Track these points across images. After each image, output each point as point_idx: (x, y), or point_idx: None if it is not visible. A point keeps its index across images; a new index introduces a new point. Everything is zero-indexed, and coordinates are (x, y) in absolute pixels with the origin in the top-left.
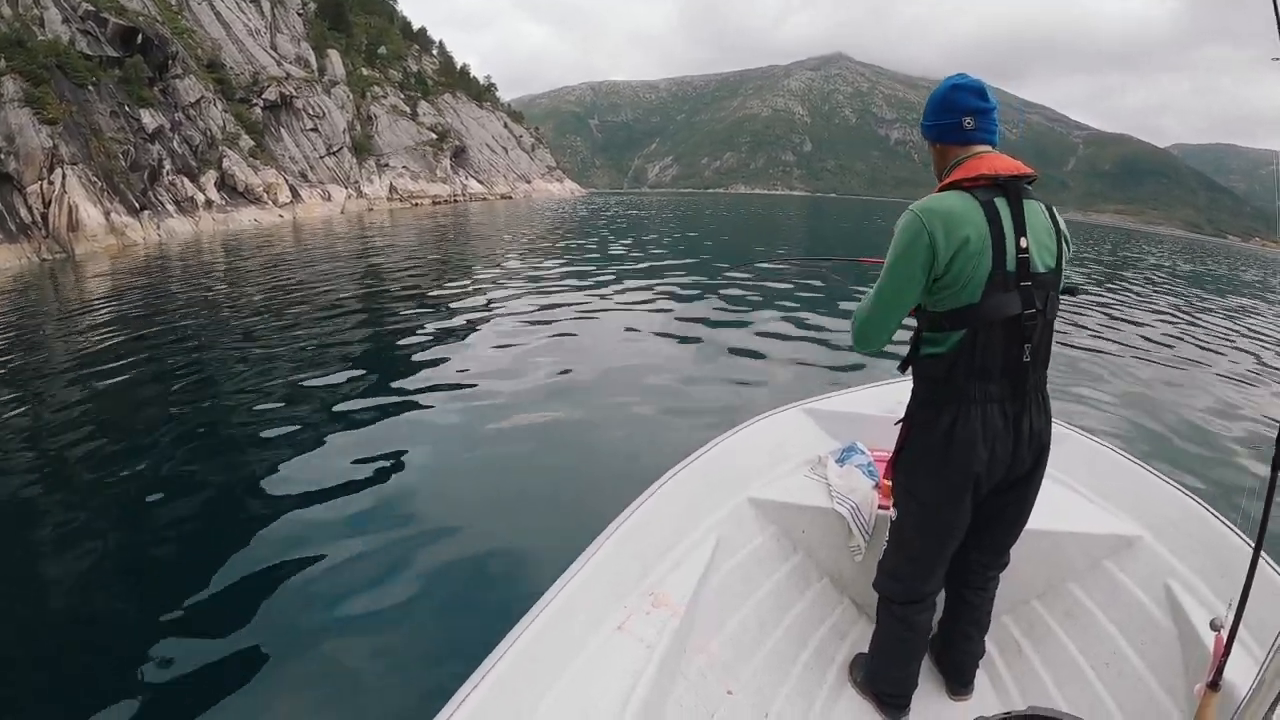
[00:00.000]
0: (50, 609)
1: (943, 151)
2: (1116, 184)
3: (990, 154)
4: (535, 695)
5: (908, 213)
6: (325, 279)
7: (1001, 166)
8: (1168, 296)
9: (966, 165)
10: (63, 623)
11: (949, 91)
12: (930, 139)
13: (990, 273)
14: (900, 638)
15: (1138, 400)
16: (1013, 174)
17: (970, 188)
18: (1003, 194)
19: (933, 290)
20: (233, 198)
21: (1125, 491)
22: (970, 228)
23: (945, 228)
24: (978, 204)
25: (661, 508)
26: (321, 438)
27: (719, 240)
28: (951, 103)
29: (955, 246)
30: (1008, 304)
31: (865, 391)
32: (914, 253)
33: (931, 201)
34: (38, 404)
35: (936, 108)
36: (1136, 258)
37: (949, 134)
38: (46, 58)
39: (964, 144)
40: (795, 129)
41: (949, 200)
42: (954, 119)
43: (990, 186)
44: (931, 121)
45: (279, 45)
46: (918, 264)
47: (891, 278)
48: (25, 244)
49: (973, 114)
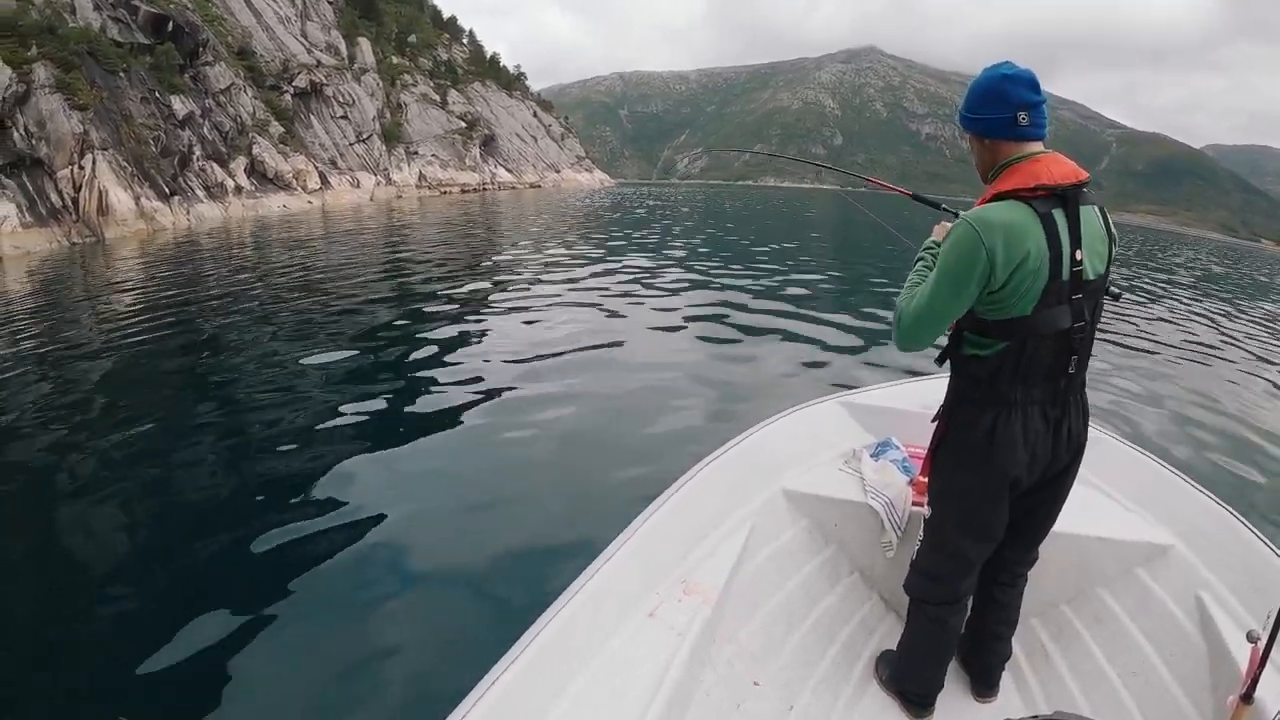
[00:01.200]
0: (64, 584)
1: (993, 148)
2: (1150, 184)
3: (1046, 156)
4: (566, 678)
5: (964, 224)
6: (351, 264)
7: (1059, 174)
8: (1209, 300)
9: (1023, 170)
10: (73, 600)
11: (999, 83)
12: (976, 133)
13: (1045, 286)
14: (932, 639)
15: (1173, 403)
16: (1071, 183)
17: (1029, 198)
18: (1060, 204)
19: (984, 300)
20: (262, 184)
21: (1160, 499)
22: (1030, 243)
23: (1005, 244)
24: (1037, 217)
25: (696, 496)
26: (352, 420)
27: (747, 229)
28: (1003, 95)
29: (1014, 263)
30: (1059, 318)
31: (901, 386)
32: (969, 267)
33: (990, 214)
34: (63, 384)
35: (985, 100)
36: (1173, 259)
37: (1001, 130)
38: (77, 44)
39: (1017, 141)
40: (826, 122)
41: (1007, 213)
42: (1007, 114)
43: (1048, 197)
44: (980, 115)
45: (309, 33)
46: (973, 279)
47: (943, 289)
48: (56, 228)
49: (1026, 108)
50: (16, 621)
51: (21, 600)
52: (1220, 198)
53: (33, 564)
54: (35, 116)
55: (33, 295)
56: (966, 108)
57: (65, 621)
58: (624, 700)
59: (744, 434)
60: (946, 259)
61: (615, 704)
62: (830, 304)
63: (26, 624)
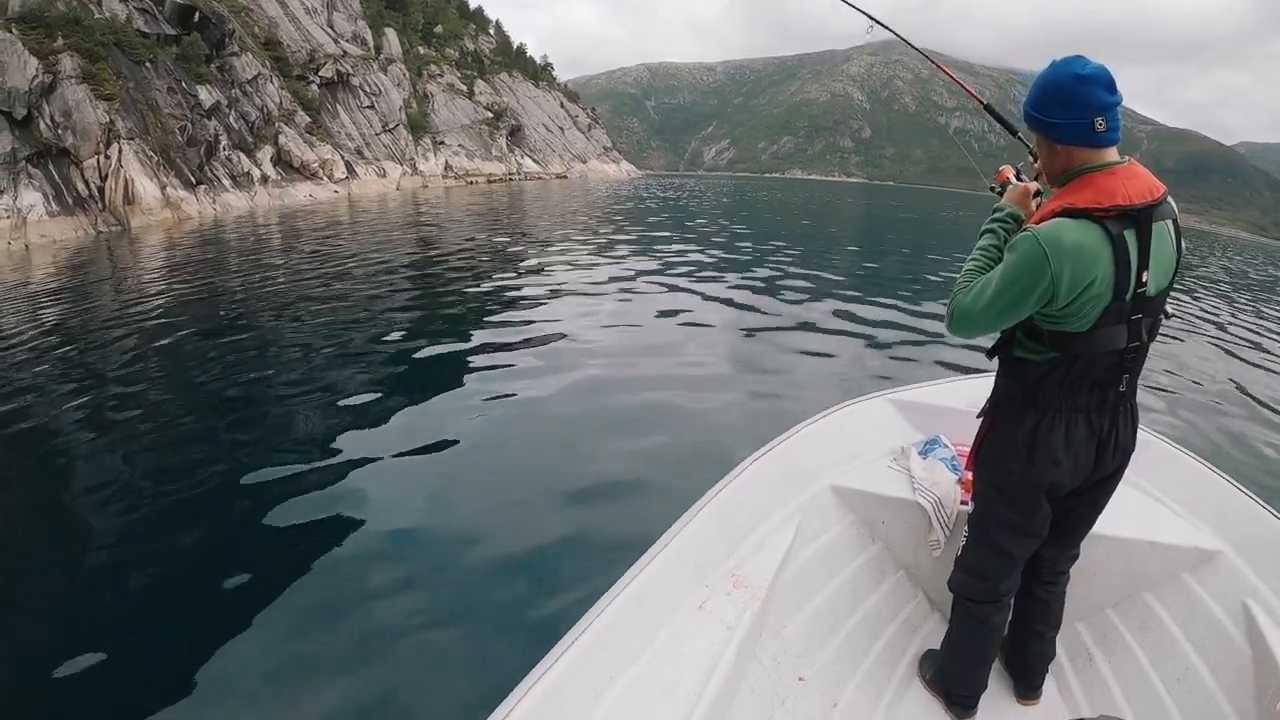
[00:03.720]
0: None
1: (1065, 155)
2: (1182, 181)
3: (1123, 169)
4: (616, 670)
5: (1031, 239)
6: (378, 252)
7: (1135, 192)
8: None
9: (1098, 184)
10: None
11: (1075, 84)
12: (1050, 138)
13: (1107, 307)
14: (976, 637)
15: (1227, 405)
16: (1147, 201)
17: (1102, 219)
18: (1134, 224)
19: (1043, 311)
20: (288, 173)
21: (1208, 503)
22: (1099, 269)
23: (1072, 270)
24: (1108, 240)
25: (744, 491)
26: (375, 410)
27: (774, 223)
28: (1080, 98)
29: (1080, 287)
30: (1115, 338)
31: (948, 384)
32: (1030, 287)
33: (1060, 232)
34: (87, 373)
35: (1059, 102)
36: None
37: (1076, 137)
38: (104, 35)
39: (1094, 148)
40: (854, 114)
41: (1080, 235)
42: (1085, 119)
43: (1121, 217)
44: (1056, 119)
45: (335, 23)
46: (1032, 298)
47: (1001, 300)
48: (82, 216)
49: (1104, 112)
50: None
51: (20, 583)
52: (1252, 196)
53: (34, 544)
54: (61, 107)
55: (57, 282)
56: (1036, 107)
57: (63, 605)
58: (674, 693)
59: (791, 430)
60: (1010, 273)
61: (665, 696)
62: (875, 295)
63: (24, 606)
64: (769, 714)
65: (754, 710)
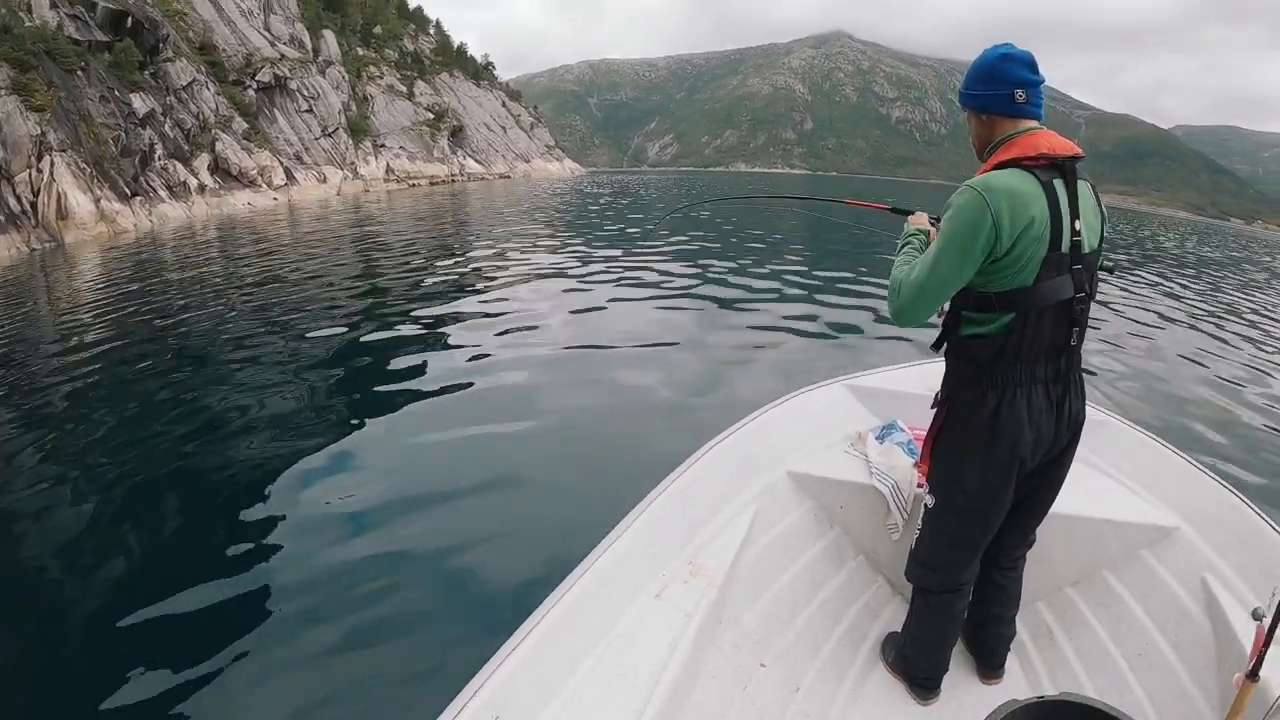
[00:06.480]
0: (39, 599)
1: (989, 124)
2: (1119, 165)
3: (1043, 131)
4: (575, 657)
5: (968, 190)
6: (317, 261)
7: (1059, 146)
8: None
9: (1022, 142)
10: (47, 614)
11: (998, 61)
12: (974, 109)
13: (1046, 255)
14: (936, 624)
15: (1171, 383)
16: (1069, 155)
17: (1031, 167)
18: (1059, 175)
19: (987, 270)
20: (226, 181)
21: (1165, 481)
22: (1034, 208)
23: (1010, 208)
24: (1039, 184)
25: (701, 478)
26: (326, 422)
27: (730, 218)
28: (1002, 73)
29: (1020, 228)
30: (1061, 288)
31: (905, 369)
32: (975, 232)
33: (994, 180)
34: (23, 395)
35: (984, 77)
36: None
37: (997, 106)
38: (34, 44)
39: (1013, 117)
40: (796, 107)
41: (1012, 179)
42: (1004, 90)
43: (1049, 167)
44: (978, 91)
45: (272, 26)
46: (979, 245)
47: (948, 256)
48: (15, 234)
49: (1024, 86)
50: None
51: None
52: (1189, 177)
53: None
54: None
55: None
56: (966, 85)
57: (43, 621)
58: (632, 680)
59: (749, 417)
60: (952, 226)
61: (623, 683)
62: (828, 289)
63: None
64: (730, 700)
65: (716, 696)
